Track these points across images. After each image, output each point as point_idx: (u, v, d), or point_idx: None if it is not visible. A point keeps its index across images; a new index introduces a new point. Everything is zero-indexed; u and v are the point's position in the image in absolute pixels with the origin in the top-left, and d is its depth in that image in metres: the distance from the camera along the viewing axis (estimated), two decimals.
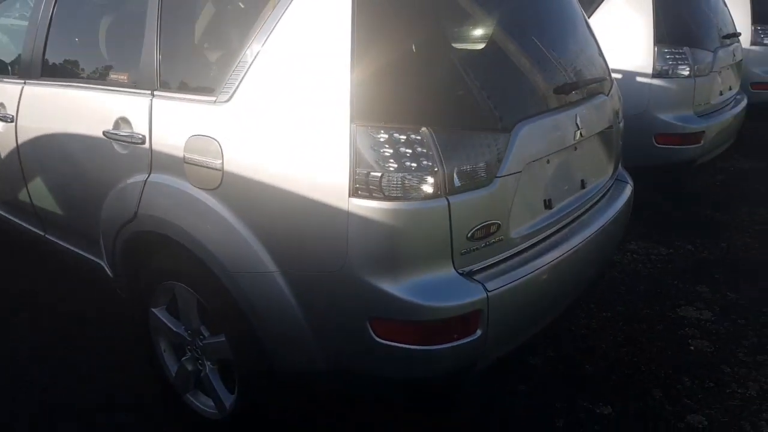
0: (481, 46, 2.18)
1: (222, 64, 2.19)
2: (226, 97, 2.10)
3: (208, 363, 2.44)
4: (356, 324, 1.93)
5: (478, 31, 2.23)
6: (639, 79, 4.08)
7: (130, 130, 2.41)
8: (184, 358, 2.53)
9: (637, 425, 2.56)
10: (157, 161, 2.34)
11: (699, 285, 3.68)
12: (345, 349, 2.03)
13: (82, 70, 2.89)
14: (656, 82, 4.09)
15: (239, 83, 2.07)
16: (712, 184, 5.54)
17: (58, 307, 3.39)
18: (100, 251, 2.75)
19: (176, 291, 2.42)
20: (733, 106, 4.79)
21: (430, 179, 1.83)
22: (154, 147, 2.34)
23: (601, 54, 2.74)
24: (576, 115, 2.31)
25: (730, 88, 4.83)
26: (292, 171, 1.94)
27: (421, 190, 1.83)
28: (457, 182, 1.88)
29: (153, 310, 2.57)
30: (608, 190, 2.72)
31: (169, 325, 2.53)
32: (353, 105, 1.82)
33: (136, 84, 2.45)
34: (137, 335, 2.72)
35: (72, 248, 2.97)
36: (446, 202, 1.85)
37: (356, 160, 1.82)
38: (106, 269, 2.76)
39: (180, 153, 2.22)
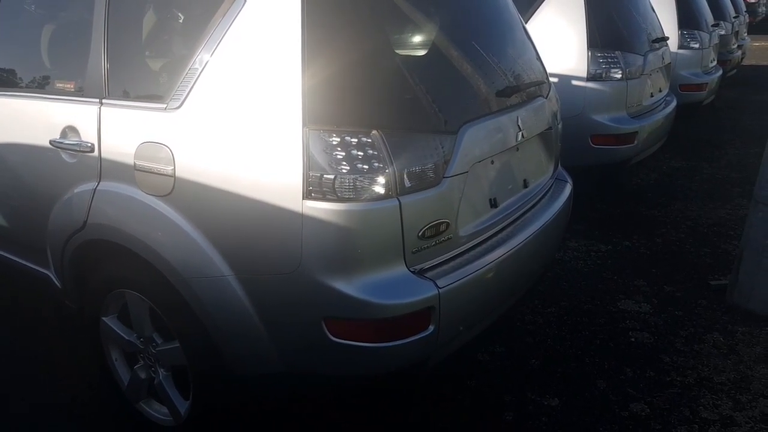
0: (426, 51, 2.26)
1: (172, 71, 2.20)
2: (177, 103, 2.11)
3: (162, 370, 2.44)
4: (311, 324, 1.97)
5: (424, 37, 2.30)
6: (575, 82, 4.26)
7: (78, 139, 2.39)
8: (137, 366, 2.52)
9: (583, 415, 2.67)
10: (106, 169, 2.33)
11: (637, 279, 3.85)
12: (301, 349, 2.06)
13: (29, 79, 2.84)
14: (591, 85, 4.28)
15: (190, 90, 2.09)
16: (646, 182, 5.80)
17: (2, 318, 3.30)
18: (48, 262, 2.71)
19: (128, 299, 2.41)
20: (664, 107, 5.03)
21: (382, 180, 1.89)
22: (103, 155, 2.33)
23: (538, 58, 2.87)
24: (517, 117, 2.42)
25: (660, 90, 5.07)
26: (245, 175, 1.97)
27: (373, 191, 1.89)
28: (407, 183, 1.94)
29: (104, 319, 2.55)
30: (549, 189, 2.84)
31: (120, 333, 2.51)
32: (305, 109, 1.87)
33: (83, 92, 2.43)
34: (87, 345, 2.69)
35: (18, 259, 2.91)
36: (397, 203, 1.92)
37: (309, 163, 1.87)
38: (54, 280, 2.72)
39: (130, 160, 2.22)
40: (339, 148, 1.88)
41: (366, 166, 1.88)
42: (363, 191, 1.88)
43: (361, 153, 1.88)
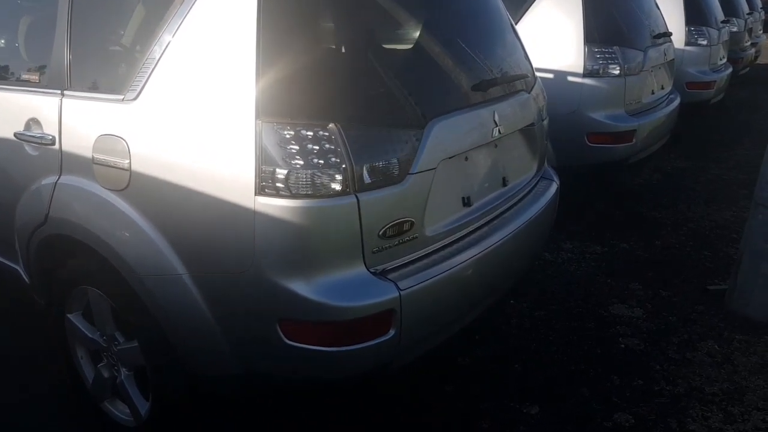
0: (395, 42, 2.16)
1: (130, 62, 2.13)
2: (134, 95, 2.04)
3: (124, 369, 2.37)
4: (266, 326, 1.89)
5: (393, 28, 2.21)
6: (570, 78, 4.13)
7: (40, 131, 2.33)
8: (101, 364, 2.46)
9: (564, 424, 2.56)
10: (67, 162, 2.26)
11: (632, 283, 3.73)
12: (257, 352, 1.98)
13: None
14: (587, 81, 4.14)
15: (146, 81, 2.02)
16: (649, 182, 5.65)
17: None
18: (17, 256, 2.65)
19: (89, 296, 2.35)
20: (666, 105, 4.88)
21: (338, 176, 1.80)
22: (64, 148, 2.26)
23: (523, 51, 2.76)
24: (494, 112, 2.31)
25: (663, 87, 4.92)
26: (199, 170, 1.89)
27: (329, 187, 1.79)
28: (367, 179, 1.85)
29: (69, 315, 2.49)
30: (533, 188, 2.72)
31: (84, 331, 2.45)
32: (259, 101, 1.79)
33: (47, 84, 2.37)
34: (55, 342, 2.62)
35: None
36: (355, 200, 1.83)
37: (262, 157, 1.78)
38: (23, 275, 2.66)
39: (89, 153, 2.15)
40: (293, 142, 1.79)
41: (321, 161, 1.79)
42: (318, 187, 1.79)
43: (316, 147, 1.79)
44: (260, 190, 1.79)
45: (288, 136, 1.78)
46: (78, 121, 2.23)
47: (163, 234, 2.00)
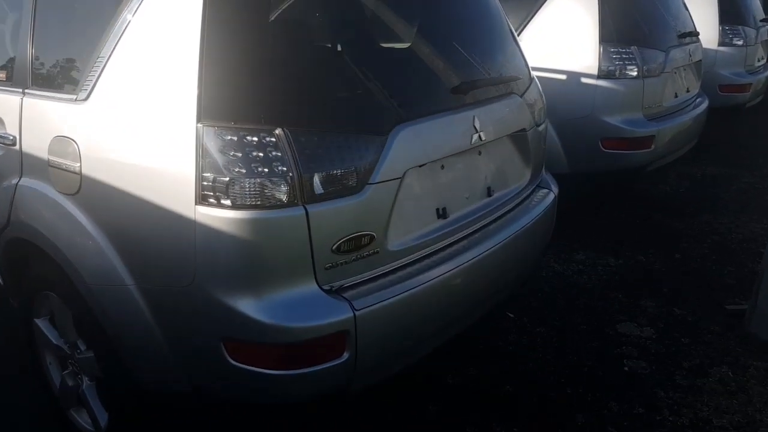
0: (358, 40, 2.01)
1: (83, 60, 2.02)
2: (85, 95, 1.95)
3: (86, 378, 2.29)
4: (211, 345, 1.76)
5: (355, 24, 2.05)
6: (584, 80, 3.89)
7: (4, 131, 2.27)
8: (65, 372, 2.38)
9: None
10: (26, 164, 2.19)
11: (645, 299, 3.49)
12: (203, 371, 1.86)
13: None
14: (602, 83, 3.90)
15: (96, 81, 1.93)
16: (675, 190, 5.35)
17: None
18: None
19: (51, 302, 2.28)
20: (692, 109, 4.59)
21: (284, 186, 1.66)
22: (23, 149, 2.20)
23: (518, 51, 2.56)
24: (474, 116, 2.13)
25: (688, 90, 4.63)
26: (144, 176, 1.79)
27: (274, 197, 1.66)
28: (318, 189, 1.70)
29: (36, 320, 2.42)
30: (526, 198, 2.54)
31: (49, 337, 2.38)
32: (201, 103, 1.66)
33: (11, 82, 2.30)
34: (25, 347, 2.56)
35: None
36: (304, 211, 1.68)
37: (203, 164, 1.65)
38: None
39: (45, 155, 2.07)
40: (237, 148, 1.65)
41: (266, 169, 1.65)
42: (262, 198, 1.65)
43: (261, 154, 1.65)
44: (201, 200, 1.66)
45: (231, 142, 1.65)
46: (36, 121, 2.16)
47: (113, 242, 1.90)
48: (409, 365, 2.08)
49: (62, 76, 2.15)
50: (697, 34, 4.78)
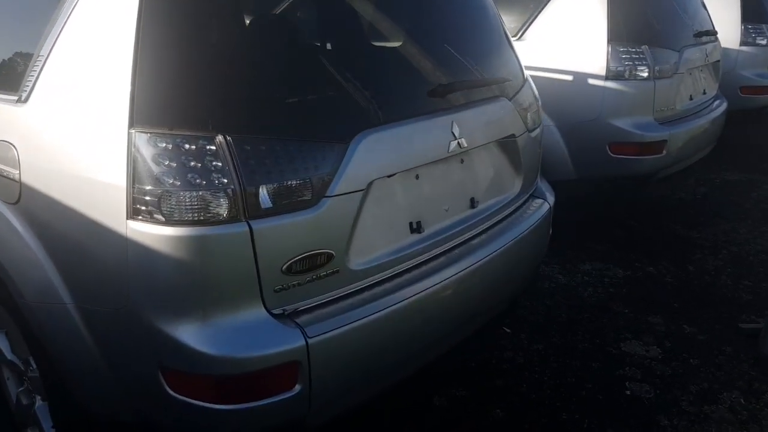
0: (317, 39, 1.82)
1: (25, 59, 1.87)
2: (25, 95, 1.80)
3: (38, 398, 2.14)
4: (149, 374, 1.60)
5: (315, 21, 1.86)
6: (591, 81, 3.65)
7: None
8: (20, 389, 2.23)
9: None
10: None
11: (653, 315, 3.26)
12: (146, 402, 1.69)
13: None
14: (610, 84, 3.66)
15: (36, 80, 1.77)
16: (691, 197, 5.08)
17: None
18: None
19: (2, 315, 2.12)
20: (709, 112, 4.33)
21: (223, 200, 1.48)
22: None
23: (507, 50, 2.35)
24: (452, 121, 1.93)
25: (704, 92, 4.37)
26: (78, 186, 1.64)
27: (212, 212, 1.48)
28: (265, 203, 1.53)
29: None
30: (517, 209, 2.33)
31: (3, 351, 2.23)
32: (134, 107, 1.50)
33: None
34: None
35: None
36: (247, 228, 1.51)
37: (134, 174, 1.49)
38: None
39: None
40: (171, 157, 1.48)
41: (204, 181, 1.48)
42: (199, 212, 1.48)
43: (198, 164, 1.48)
44: (133, 214, 1.50)
45: (166, 150, 1.48)
46: None
47: (52, 257, 1.75)
48: (375, 396, 1.89)
49: (3, 73, 2.00)
50: (715, 32, 4.51)
